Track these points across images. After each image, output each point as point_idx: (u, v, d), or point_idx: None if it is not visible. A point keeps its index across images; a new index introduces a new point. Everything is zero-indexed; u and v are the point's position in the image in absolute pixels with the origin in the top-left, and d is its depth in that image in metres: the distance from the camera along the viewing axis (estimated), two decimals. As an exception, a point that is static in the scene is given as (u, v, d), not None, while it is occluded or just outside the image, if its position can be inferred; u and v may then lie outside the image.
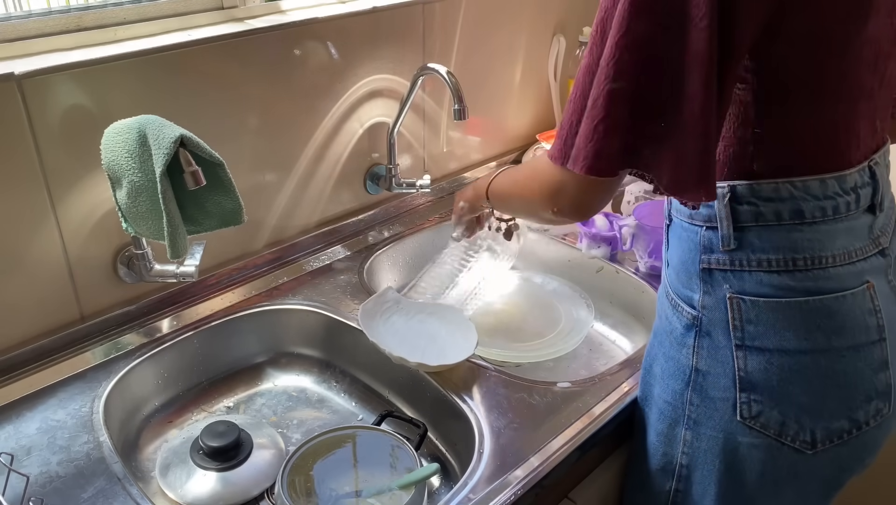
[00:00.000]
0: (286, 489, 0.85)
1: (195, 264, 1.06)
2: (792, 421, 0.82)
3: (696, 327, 0.85)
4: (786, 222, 0.78)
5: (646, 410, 0.96)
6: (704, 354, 0.85)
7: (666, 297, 0.91)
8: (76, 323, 1.07)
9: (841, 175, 0.78)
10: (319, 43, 1.21)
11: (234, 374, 1.15)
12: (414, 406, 1.09)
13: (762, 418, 0.83)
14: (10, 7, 1.01)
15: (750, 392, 0.82)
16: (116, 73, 1.00)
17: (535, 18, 1.56)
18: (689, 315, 0.86)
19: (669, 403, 0.90)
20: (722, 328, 0.83)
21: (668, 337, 0.90)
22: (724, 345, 0.83)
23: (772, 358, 0.81)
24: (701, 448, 0.88)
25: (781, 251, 0.79)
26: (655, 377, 0.93)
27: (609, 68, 0.71)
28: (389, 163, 1.35)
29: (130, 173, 0.93)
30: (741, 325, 0.81)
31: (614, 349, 1.27)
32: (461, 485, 0.86)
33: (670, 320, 0.89)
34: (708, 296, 0.84)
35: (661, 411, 0.92)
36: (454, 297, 1.21)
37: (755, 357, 0.81)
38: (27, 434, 0.92)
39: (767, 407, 0.82)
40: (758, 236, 0.79)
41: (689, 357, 0.86)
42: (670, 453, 0.92)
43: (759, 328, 0.81)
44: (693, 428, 0.88)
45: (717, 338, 0.84)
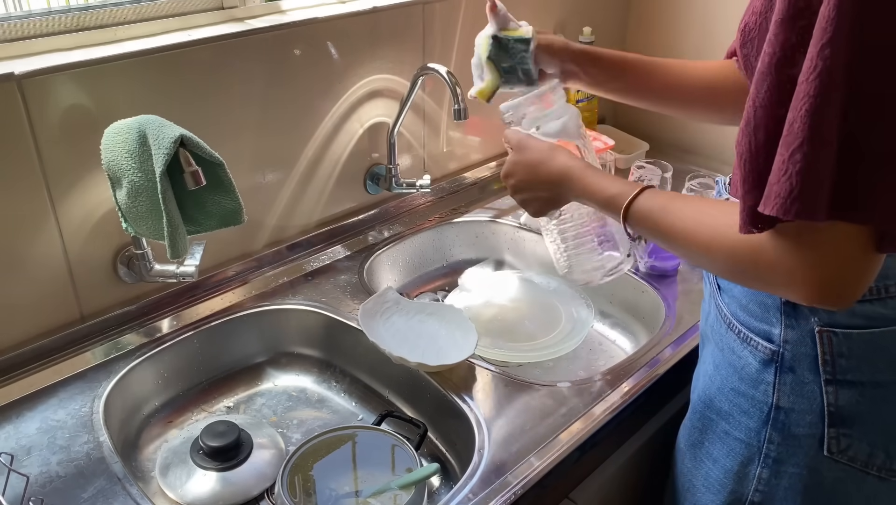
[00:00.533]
0: (286, 489, 0.85)
1: (195, 264, 1.07)
2: (879, 450, 0.79)
3: (776, 363, 0.81)
4: None
5: (706, 446, 0.92)
6: (787, 390, 0.81)
7: (729, 328, 0.86)
8: (76, 323, 1.07)
9: None
10: (319, 43, 1.21)
11: (234, 374, 1.15)
12: (414, 406, 1.09)
13: (851, 451, 0.80)
14: (10, 7, 1.01)
15: (840, 427, 0.79)
16: (116, 73, 1.00)
17: (535, 18, 1.56)
18: (767, 350, 0.81)
19: (742, 441, 0.86)
20: (808, 363, 0.78)
21: (738, 372, 0.85)
22: (810, 380, 0.79)
23: (864, 390, 0.77)
24: (780, 486, 0.84)
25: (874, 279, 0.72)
26: (721, 413, 0.88)
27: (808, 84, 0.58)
28: (389, 163, 1.35)
29: (130, 173, 0.93)
30: (832, 359, 0.77)
31: (614, 349, 1.27)
32: (461, 485, 0.86)
33: (739, 354, 0.85)
34: (791, 330, 0.79)
35: (730, 448, 0.88)
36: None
37: (847, 391, 0.78)
38: (27, 434, 0.92)
39: (857, 440, 0.79)
40: None
41: (768, 394, 0.82)
42: (739, 491, 0.88)
43: (851, 361, 0.76)
44: (772, 466, 0.84)
45: (803, 373, 0.79)
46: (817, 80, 0.58)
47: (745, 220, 0.66)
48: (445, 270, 1.43)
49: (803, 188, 0.59)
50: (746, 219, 0.66)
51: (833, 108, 0.58)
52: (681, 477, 0.98)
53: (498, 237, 1.45)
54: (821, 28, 0.57)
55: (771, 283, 0.70)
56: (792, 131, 0.59)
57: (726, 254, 0.71)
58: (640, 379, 1.03)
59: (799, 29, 0.60)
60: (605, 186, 0.86)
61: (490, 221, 1.44)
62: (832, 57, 0.57)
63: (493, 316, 1.26)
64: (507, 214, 1.45)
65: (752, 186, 0.64)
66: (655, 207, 0.80)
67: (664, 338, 1.12)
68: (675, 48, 1.72)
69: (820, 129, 0.58)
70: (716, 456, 0.90)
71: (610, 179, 0.87)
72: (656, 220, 0.80)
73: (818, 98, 0.58)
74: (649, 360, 1.07)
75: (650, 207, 0.80)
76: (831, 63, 0.57)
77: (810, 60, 0.58)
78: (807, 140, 0.59)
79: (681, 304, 1.19)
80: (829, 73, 0.57)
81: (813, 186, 0.59)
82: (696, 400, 0.94)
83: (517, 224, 1.43)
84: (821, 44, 0.57)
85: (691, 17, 1.68)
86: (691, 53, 1.69)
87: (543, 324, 1.23)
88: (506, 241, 1.44)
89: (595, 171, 0.90)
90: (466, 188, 1.55)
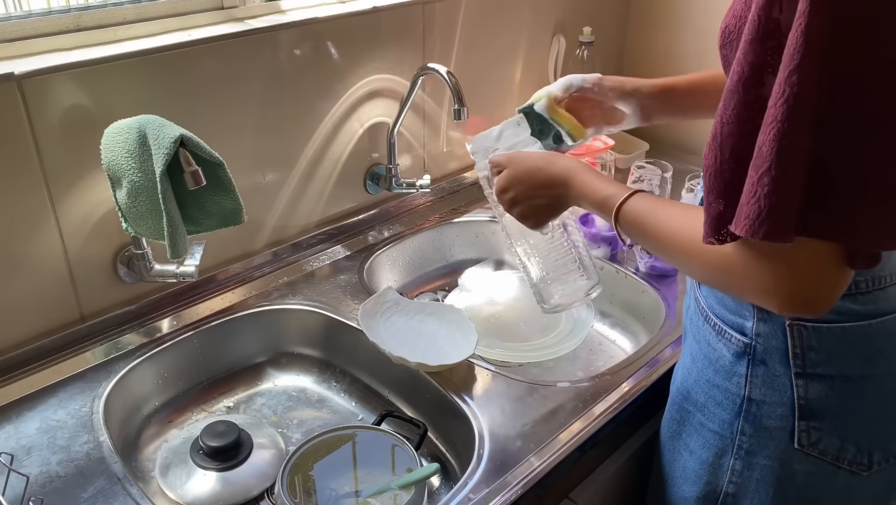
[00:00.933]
0: (286, 489, 0.85)
1: (195, 264, 1.07)
2: (850, 445, 0.80)
3: (748, 355, 0.82)
4: None
5: (683, 437, 0.93)
6: (759, 382, 0.82)
7: (705, 321, 0.87)
8: (76, 323, 1.07)
9: None
10: (319, 43, 1.21)
11: (234, 374, 1.15)
12: (414, 406, 1.09)
13: (821, 445, 0.80)
14: (10, 7, 1.01)
15: (810, 420, 0.80)
16: (116, 73, 1.00)
17: (535, 18, 1.56)
18: (740, 343, 0.82)
19: (716, 433, 0.87)
20: (779, 356, 0.80)
21: (713, 364, 0.86)
22: (781, 373, 0.80)
23: (834, 384, 0.78)
24: (752, 477, 0.86)
25: None
26: (697, 405, 0.90)
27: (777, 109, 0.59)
28: (389, 163, 1.35)
29: (130, 173, 0.93)
30: (802, 352, 0.78)
31: (614, 349, 1.27)
32: (461, 485, 0.86)
33: (714, 347, 0.86)
34: (763, 323, 0.80)
35: (705, 440, 0.89)
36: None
37: (817, 384, 0.79)
38: (27, 434, 0.92)
39: (827, 433, 0.80)
40: None
41: (741, 386, 0.83)
42: (714, 482, 0.90)
43: (821, 355, 0.78)
44: (744, 458, 0.85)
45: (774, 366, 0.80)
46: (784, 105, 0.58)
47: (708, 232, 0.68)
48: (445, 270, 1.43)
49: (771, 211, 0.60)
50: (709, 230, 0.68)
51: (801, 133, 0.59)
52: (661, 469, 0.99)
53: (498, 237, 1.45)
54: (789, 54, 0.58)
55: (744, 291, 0.73)
56: (761, 154, 0.60)
57: (702, 261, 0.73)
58: (640, 379, 1.03)
59: (768, 50, 0.61)
60: (602, 188, 0.87)
61: (490, 221, 1.44)
62: (800, 84, 0.58)
63: (494, 316, 1.26)
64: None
65: (715, 198, 0.66)
66: (644, 210, 0.82)
67: (664, 338, 1.12)
68: (675, 48, 1.72)
69: (787, 154, 0.59)
70: (692, 448, 0.92)
71: (606, 182, 0.88)
72: (644, 223, 0.81)
73: (785, 123, 0.59)
74: (649, 360, 1.07)
75: (640, 210, 0.82)
76: (798, 90, 0.58)
77: (779, 86, 0.59)
78: (774, 164, 0.60)
79: (681, 304, 1.19)
80: (797, 99, 0.58)
81: (780, 210, 0.60)
82: (674, 392, 0.96)
83: None
84: (788, 70, 0.58)
85: (691, 17, 1.68)
86: (691, 54, 1.69)
87: (543, 324, 1.23)
88: (506, 241, 1.44)
89: (593, 172, 0.91)
90: (466, 188, 1.55)
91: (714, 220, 0.67)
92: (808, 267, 0.65)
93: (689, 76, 1.03)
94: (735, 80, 0.63)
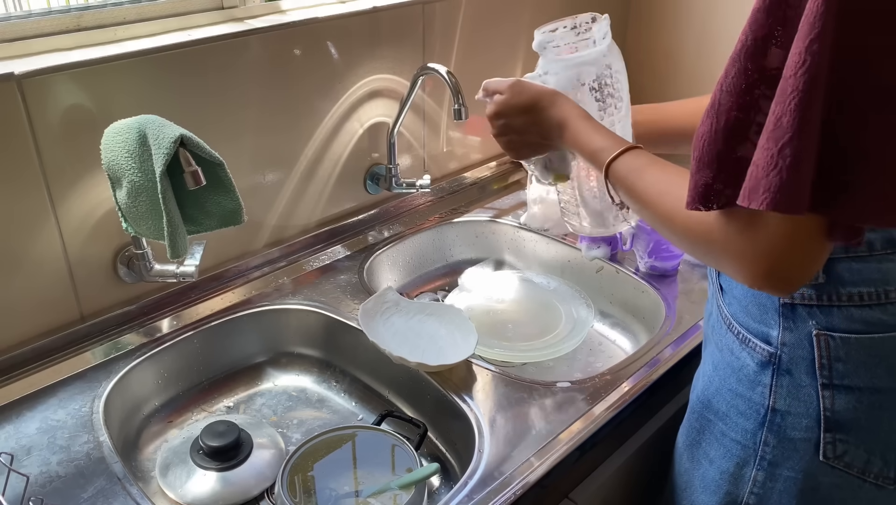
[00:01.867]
0: (286, 489, 0.85)
1: (195, 264, 1.07)
2: (877, 458, 0.78)
3: (773, 365, 0.80)
4: (877, 252, 0.73)
5: (703, 446, 0.91)
6: (784, 393, 0.80)
7: (728, 329, 0.86)
8: (76, 323, 1.07)
9: None
10: (319, 43, 1.21)
11: (234, 374, 1.15)
12: (414, 406, 1.09)
13: (847, 458, 0.79)
14: (10, 7, 1.01)
15: (836, 432, 0.78)
16: (116, 73, 1.00)
17: (535, 18, 1.56)
18: (765, 352, 0.80)
19: (738, 443, 0.86)
20: (805, 367, 0.78)
21: (736, 373, 0.85)
22: (807, 384, 0.78)
23: (861, 396, 0.76)
24: (776, 489, 0.84)
25: (873, 284, 0.73)
26: (718, 414, 0.88)
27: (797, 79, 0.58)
28: (389, 163, 1.35)
29: (130, 173, 0.93)
30: (829, 363, 0.76)
31: (614, 349, 1.27)
32: (461, 485, 0.86)
33: (738, 356, 0.84)
34: (789, 332, 0.78)
35: (727, 450, 0.87)
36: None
37: (843, 396, 0.77)
38: (27, 434, 0.92)
39: (853, 446, 0.78)
40: (847, 269, 0.74)
41: (765, 396, 0.81)
42: (735, 493, 0.88)
43: (849, 366, 0.76)
44: (767, 469, 0.84)
45: (800, 377, 0.78)
46: (806, 74, 0.57)
47: (694, 198, 0.67)
48: (445, 269, 1.44)
49: (793, 183, 0.59)
50: (694, 196, 0.67)
51: (819, 103, 0.58)
52: (679, 477, 0.97)
53: (498, 237, 1.45)
54: (808, 23, 0.57)
55: (721, 261, 0.71)
56: (781, 126, 0.59)
57: (684, 228, 0.73)
58: (640, 379, 1.03)
59: (775, 20, 0.60)
60: (596, 140, 0.86)
61: (490, 221, 1.44)
62: (820, 53, 0.57)
63: (494, 316, 1.26)
64: (507, 214, 1.45)
65: (704, 165, 0.66)
66: (634, 168, 0.81)
67: (664, 338, 1.12)
68: (675, 48, 1.72)
69: (808, 124, 0.59)
70: (712, 457, 0.90)
71: (602, 134, 0.87)
72: (633, 181, 0.81)
73: (807, 93, 0.58)
74: (649, 360, 1.07)
75: (630, 167, 0.81)
76: (820, 59, 0.57)
77: (798, 55, 0.58)
78: (797, 134, 0.58)
79: (681, 303, 1.19)
80: (818, 69, 0.57)
81: (801, 181, 0.60)
82: (694, 400, 0.94)
83: (517, 224, 1.42)
84: (809, 38, 0.57)
85: (691, 17, 1.68)
86: (691, 54, 1.69)
87: (543, 324, 1.23)
88: (506, 241, 1.44)
89: (591, 122, 0.90)
90: (466, 188, 1.55)
91: (702, 188, 0.66)
92: (789, 240, 0.64)
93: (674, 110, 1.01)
94: (738, 49, 0.63)
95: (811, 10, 0.57)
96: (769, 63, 0.61)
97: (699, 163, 0.66)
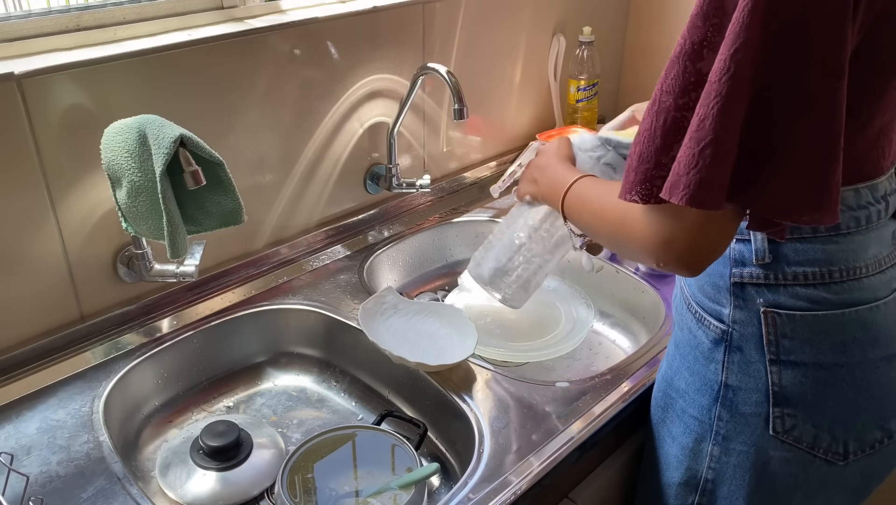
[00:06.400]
0: (286, 489, 0.85)
1: (195, 264, 1.07)
2: (825, 433, 0.81)
3: (725, 342, 0.84)
4: (821, 235, 0.77)
5: (667, 423, 0.94)
6: (735, 369, 0.83)
7: (687, 309, 0.89)
8: (76, 323, 1.07)
9: (873, 183, 0.77)
10: (319, 43, 1.21)
11: (234, 374, 1.15)
12: (414, 406, 1.09)
13: (796, 432, 0.82)
14: (10, 7, 1.01)
15: (784, 406, 0.81)
16: (116, 72, 1.00)
17: (535, 18, 1.56)
18: (718, 329, 0.84)
19: (696, 418, 0.89)
20: (755, 343, 0.81)
21: (693, 351, 0.88)
22: (756, 360, 0.82)
23: (807, 372, 0.79)
24: (730, 463, 0.87)
25: (817, 264, 0.77)
26: (679, 391, 0.91)
27: (721, 84, 0.62)
28: (389, 163, 1.35)
29: (130, 173, 0.93)
30: (776, 339, 0.80)
31: (614, 349, 1.27)
32: (461, 485, 0.86)
33: (695, 334, 0.88)
34: (739, 310, 0.82)
35: (686, 426, 0.91)
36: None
37: (790, 371, 0.80)
38: (27, 434, 0.92)
39: (801, 420, 0.81)
40: (793, 249, 0.78)
41: (718, 372, 0.85)
42: (695, 468, 0.91)
43: (794, 342, 0.79)
44: (721, 444, 0.87)
45: (749, 353, 0.82)
46: (729, 82, 0.62)
47: (628, 187, 0.72)
48: (445, 269, 1.44)
49: (712, 181, 0.64)
50: (630, 186, 0.71)
51: (741, 106, 0.63)
52: (648, 455, 1.00)
53: (498, 237, 1.44)
54: (734, 32, 0.61)
55: (639, 251, 0.76)
56: (703, 127, 0.64)
57: (610, 224, 0.79)
58: (640, 379, 1.03)
59: (710, 26, 0.65)
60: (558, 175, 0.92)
61: (490, 221, 1.44)
62: (744, 60, 0.61)
63: (494, 316, 1.26)
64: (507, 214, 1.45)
65: (644, 160, 0.70)
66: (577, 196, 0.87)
67: (664, 338, 1.12)
68: (675, 48, 1.72)
69: (729, 128, 0.63)
70: (674, 434, 0.93)
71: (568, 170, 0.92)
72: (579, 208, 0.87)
73: (729, 98, 0.62)
74: (649, 360, 1.07)
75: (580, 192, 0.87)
76: (743, 66, 0.61)
77: (723, 62, 0.62)
78: (717, 137, 0.63)
79: (681, 303, 1.19)
80: (740, 76, 0.62)
81: (719, 179, 0.64)
82: (659, 379, 0.97)
83: None
84: (734, 47, 0.61)
85: (691, 17, 1.68)
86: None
87: (543, 324, 1.23)
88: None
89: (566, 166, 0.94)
90: (466, 188, 1.55)
91: (640, 181, 0.70)
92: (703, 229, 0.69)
93: None
94: (677, 52, 0.67)
95: (737, 19, 0.61)
96: (704, 67, 0.65)
97: (640, 158, 0.71)
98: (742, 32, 0.61)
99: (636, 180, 0.71)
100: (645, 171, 0.70)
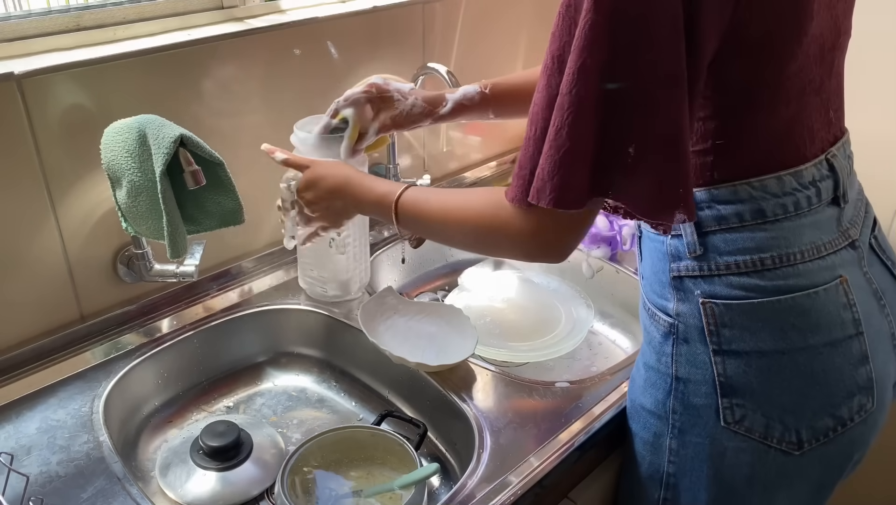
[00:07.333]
0: (286, 489, 0.85)
1: (195, 264, 1.07)
2: (776, 422, 0.81)
3: (672, 335, 0.85)
4: (748, 223, 0.78)
5: (632, 421, 0.95)
6: (683, 361, 0.84)
7: (644, 308, 0.91)
8: (76, 323, 1.07)
9: (797, 171, 0.78)
10: (319, 43, 1.21)
11: (234, 374, 1.15)
12: (414, 406, 1.09)
13: (746, 422, 0.82)
14: (10, 7, 1.01)
15: (731, 397, 0.82)
16: (116, 72, 1.00)
17: (535, 18, 1.56)
18: (666, 323, 0.85)
19: (653, 413, 0.90)
20: (698, 334, 0.82)
21: (648, 347, 0.90)
22: (701, 351, 0.83)
23: (749, 360, 0.80)
24: (688, 456, 0.88)
25: (748, 252, 0.78)
26: (639, 388, 0.92)
27: (571, 97, 0.67)
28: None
29: (130, 173, 0.93)
30: (716, 329, 0.81)
31: (614, 349, 1.27)
32: (461, 485, 0.86)
33: (649, 330, 0.89)
34: (682, 303, 0.83)
35: (645, 421, 0.92)
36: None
37: (733, 361, 0.81)
38: (27, 434, 0.92)
39: (750, 410, 0.82)
40: (722, 240, 0.79)
41: (669, 366, 0.86)
42: (657, 462, 0.92)
43: (734, 331, 0.80)
44: (678, 437, 0.88)
45: (695, 344, 0.83)
46: (579, 94, 0.67)
47: (516, 194, 0.76)
48: (445, 269, 1.43)
49: (574, 183, 0.70)
50: (517, 192, 0.76)
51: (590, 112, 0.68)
52: (623, 452, 1.01)
53: (498, 237, 1.44)
54: (578, 46, 0.66)
55: (510, 248, 0.82)
56: (560, 136, 0.69)
57: (476, 225, 0.83)
58: (640, 379, 1.03)
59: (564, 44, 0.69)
60: (375, 187, 0.93)
61: (490, 221, 1.44)
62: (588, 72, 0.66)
63: (494, 316, 1.26)
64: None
65: (523, 166, 0.75)
66: (420, 198, 0.89)
67: (664, 338, 1.12)
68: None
69: (582, 136, 0.68)
70: (636, 430, 0.94)
71: (381, 182, 0.94)
72: (420, 209, 0.88)
73: (579, 109, 0.67)
74: (649, 360, 1.07)
75: (416, 198, 0.89)
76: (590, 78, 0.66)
77: (571, 75, 0.67)
78: (573, 145, 0.69)
79: (681, 304, 1.19)
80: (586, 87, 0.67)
81: (580, 181, 0.70)
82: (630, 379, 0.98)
83: None
84: (581, 60, 0.66)
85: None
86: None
87: (543, 324, 1.23)
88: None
89: (371, 178, 0.95)
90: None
91: (520, 185, 0.75)
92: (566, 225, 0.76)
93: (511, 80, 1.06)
94: (542, 68, 0.72)
95: (580, 36, 0.66)
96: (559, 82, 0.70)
97: (519, 165, 0.76)
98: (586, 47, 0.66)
99: (517, 185, 0.76)
100: (523, 177, 0.75)
